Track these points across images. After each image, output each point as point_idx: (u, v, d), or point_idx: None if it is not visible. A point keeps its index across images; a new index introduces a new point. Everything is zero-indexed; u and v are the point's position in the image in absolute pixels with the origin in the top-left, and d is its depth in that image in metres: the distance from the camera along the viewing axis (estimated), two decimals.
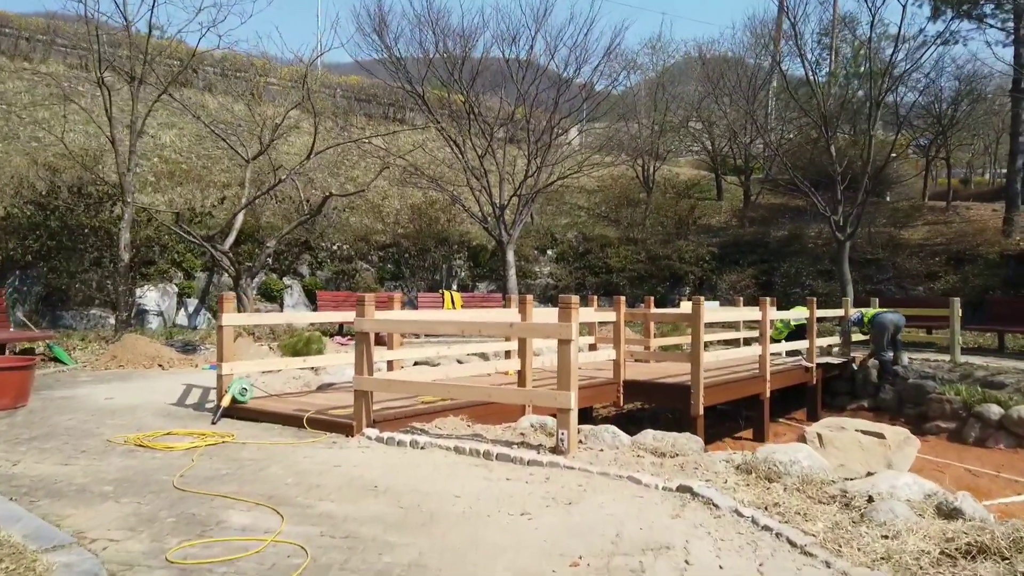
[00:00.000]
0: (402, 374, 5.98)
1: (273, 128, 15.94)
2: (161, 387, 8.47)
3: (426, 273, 20.43)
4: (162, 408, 7.11)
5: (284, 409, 6.40)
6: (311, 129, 22.18)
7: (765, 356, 9.49)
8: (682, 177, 29.18)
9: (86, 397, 7.69)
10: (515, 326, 4.91)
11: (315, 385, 8.65)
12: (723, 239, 22.67)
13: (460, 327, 5.11)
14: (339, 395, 7.31)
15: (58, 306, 15.00)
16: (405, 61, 18.73)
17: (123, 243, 12.76)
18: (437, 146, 22.46)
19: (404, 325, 5.55)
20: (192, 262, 16.61)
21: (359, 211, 21.26)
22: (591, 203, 26.42)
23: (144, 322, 15.55)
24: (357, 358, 5.69)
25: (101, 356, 10.75)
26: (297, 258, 18.33)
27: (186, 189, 18.86)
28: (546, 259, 22.03)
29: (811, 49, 20.15)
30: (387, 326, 5.69)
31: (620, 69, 21.20)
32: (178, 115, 22.44)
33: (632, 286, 21.16)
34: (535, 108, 19.22)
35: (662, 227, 23.74)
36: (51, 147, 17.66)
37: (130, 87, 13.08)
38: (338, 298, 16.79)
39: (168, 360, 10.55)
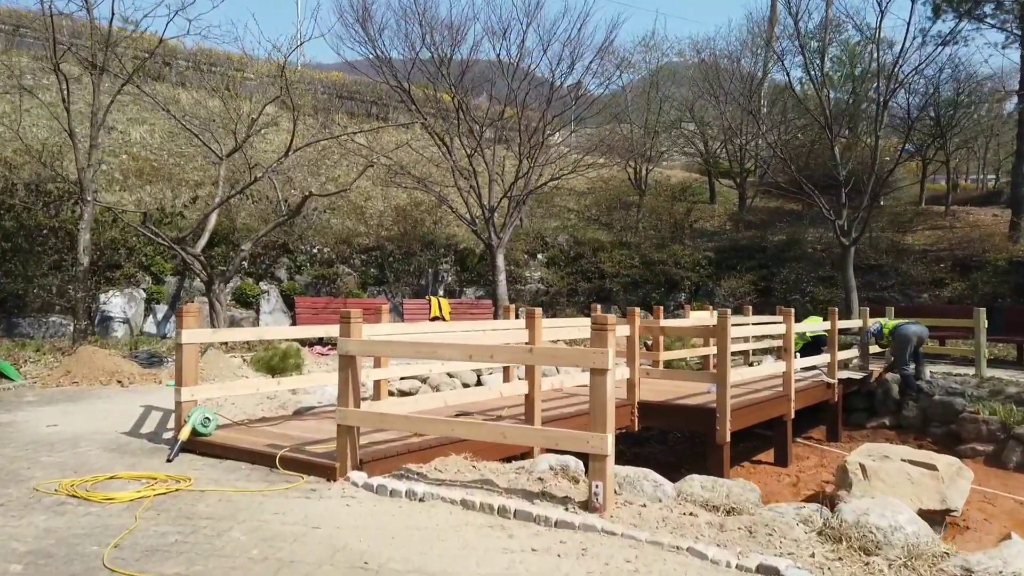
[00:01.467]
0: (395, 404, 5.04)
1: (249, 123, 14.91)
2: (116, 410, 7.44)
3: (411, 278, 19.45)
4: (111, 439, 6.10)
5: (254, 444, 5.42)
6: (290, 126, 21.16)
7: (790, 373, 8.66)
8: (673, 180, 28.45)
9: (24, 424, 6.65)
10: (536, 352, 4.00)
11: (292, 408, 7.66)
12: (719, 243, 21.93)
13: (468, 351, 4.21)
14: (319, 423, 6.34)
15: (14, 312, 13.83)
16: (390, 55, 17.77)
17: (82, 245, 11.67)
18: (422, 145, 21.51)
19: (399, 348, 4.61)
20: (161, 266, 15.51)
21: (341, 212, 20.24)
22: (581, 206, 25.59)
23: (108, 330, 14.43)
24: (341, 386, 4.75)
25: (55, 370, 9.68)
26: (275, 262, 17.28)
27: (156, 188, 17.73)
28: (536, 263, 21.14)
29: (813, 47, 19.41)
30: (378, 349, 4.75)
31: (614, 67, 20.43)
32: (149, 110, 21.28)
33: (626, 292, 20.34)
34: (526, 107, 18.34)
35: (655, 231, 22.97)
36: (11, 143, 16.48)
37: (91, 76, 11.98)
38: (318, 304, 15.78)
39: (128, 376, 9.50)
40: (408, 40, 17.41)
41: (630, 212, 23.78)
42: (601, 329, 3.93)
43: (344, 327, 4.77)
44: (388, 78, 17.86)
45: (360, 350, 4.71)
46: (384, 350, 4.72)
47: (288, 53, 13.90)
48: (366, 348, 4.72)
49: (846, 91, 20.98)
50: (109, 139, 19.38)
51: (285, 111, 23.55)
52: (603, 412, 3.90)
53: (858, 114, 21.17)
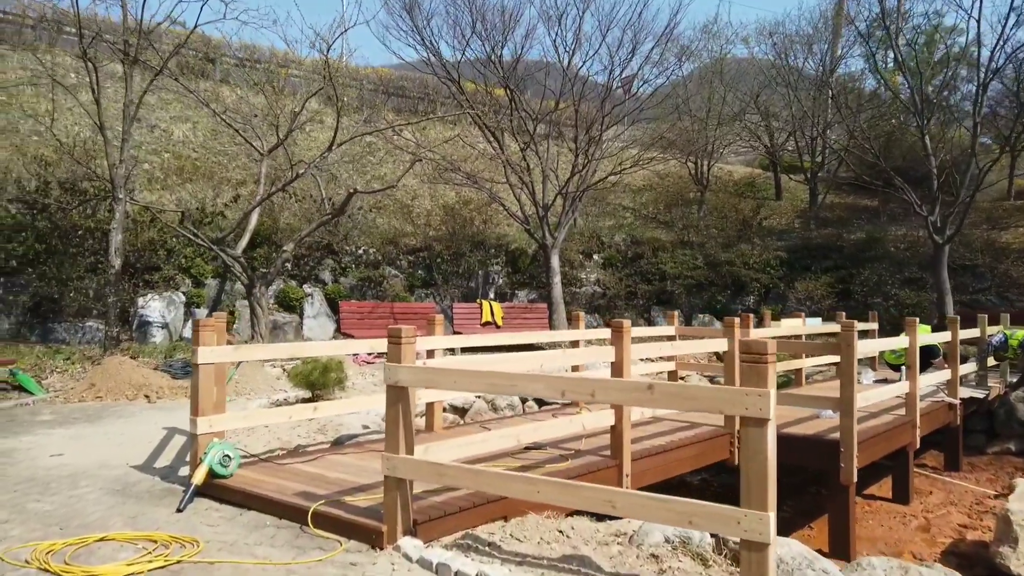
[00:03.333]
0: (456, 446, 3.91)
1: (292, 118, 14.06)
2: (134, 433, 6.52)
3: (460, 280, 18.42)
4: (118, 476, 5.13)
5: (282, 492, 4.37)
6: (333, 122, 20.37)
7: (914, 395, 7.28)
8: (735, 175, 26.89)
9: (26, 453, 5.74)
10: (659, 392, 2.85)
11: (331, 431, 6.63)
12: (789, 243, 20.36)
13: (559, 386, 3.07)
14: (362, 458, 5.28)
15: (49, 317, 13.20)
16: (438, 45, 16.77)
17: (114, 246, 10.91)
18: (471, 142, 20.51)
19: (466, 380, 3.49)
20: (202, 268, 14.75)
21: (387, 211, 19.33)
22: (637, 203, 24.24)
23: (147, 336, 13.70)
24: (390, 425, 3.66)
25: (80, 383, 8.88)
26: (319, 263, 16.43)
27: (197, 187, 17.05)
28: (592, 264, 19.90)
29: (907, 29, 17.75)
30: (438, 379, 3.63)
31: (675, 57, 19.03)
32: (192, 108, 20.73)
33: (689, 295, 18.97)
34: (584, 96, 17.14)
35: (717, 229, 21.49)
36: (50, 143, 16.01)
37: (124, 66, 11.22)
38: (363, 309, 14.87)
39: (157, 390, 8.63)
40: (458, 28, 16.39)
41: (691, 210, 22.35)
42: (759, 360, 2.73)
43: (394, 349, 3.67)
44: (436, 69, 16.88)
45: (415, 380, 3.60)
46: (445, 381, 3.60)
47: (332, 41, 12.99)
48: (422, 377, 3.61)
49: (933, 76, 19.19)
50: (151, 137, 18.85)
51: (329, 107, 22.86)
52: (762, 480, 2.72)
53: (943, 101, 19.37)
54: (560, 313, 17.05)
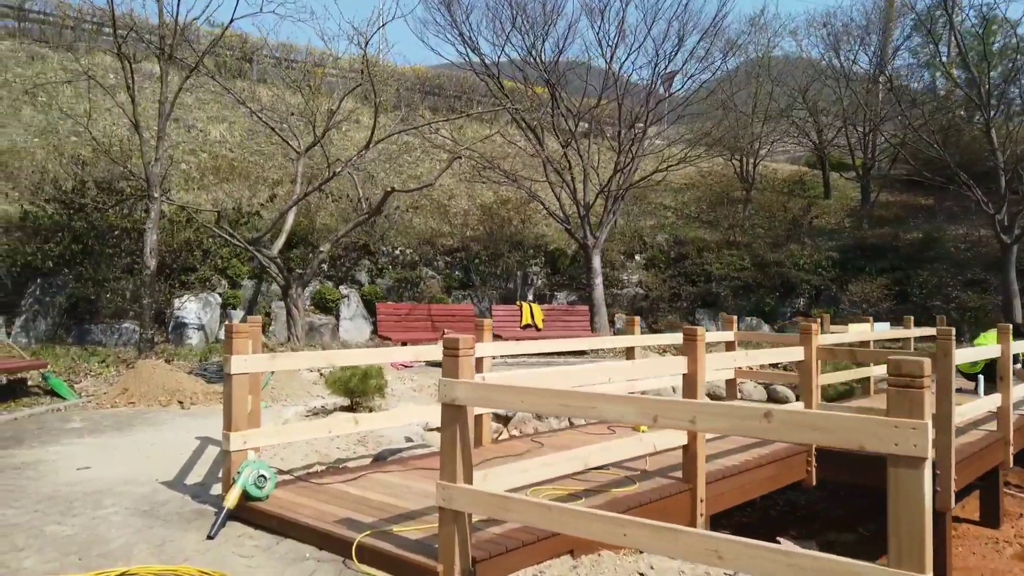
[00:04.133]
0: (517, 470, 3.42)
1: (328, 115, 13.75)
2: (165, 443, 6.16)
3: (498, 281, 17.97)
4: (146, 494, 4.74)
5: (322, 517, 3.93)
6: (370, 122, 20.07)
7: (1008, 409, 6.59)
8: (780, 174, 26.01)
9: (51, 465, 5.41)
10: (778, 421, 2.31)
11: (372, 443, 6.19)
12: (840, 243, 19.51)
13: (651, 410, 2.55)
14: (408, 477, 4.82)
15: (86, 319, 13.06)
16: (477, 41, 16.34)
17: (148, 246, 10.65)
18: (507, 141, 20.06)
19: (537, 399, 2.96)
20: (238, 269, 14.51)
21: (424, 211, 18.95)
22: (679, 202, 23.53)
23: (183, 338, 13.49)
24: (445, 448, 3.18)
25: (113, 387, 8.60)
26: (355, 264, 16.11)
27: (233, 186, 16.86)
28: (634, 265, 19.29)
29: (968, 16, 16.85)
30: (502, 398, 3.11)
31: (721, 51, 18.32)
32: (230, 108, 20.65)
33: (736, 297, 18.25)
34: (627, 91, 16.56)
35: (764, 229, 20.72)
36: (89, 143, 15.95)
37: (159, 62, 10.97)
38: (400, 311, 14.48)
39: (191, 395, 8.30)
40: (497, 22, 15.95)
41: (736, 208, 21.59)
42: (912, 384, 2.19)
43: (450, 362, 3.19)
44: (475, 65, 16.46)
45: (474, 398, 3.12)
46: (510, 400, 3.10)
47: (369, 36, 12.62)
48: (482, 396, 3.13)
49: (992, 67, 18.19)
50: (188, 137, 18.75)
51: (365, 106, 22.61)
52: (917, 535, 2.17)
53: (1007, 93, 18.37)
54: (602, 316, 16.49)
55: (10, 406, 7.56)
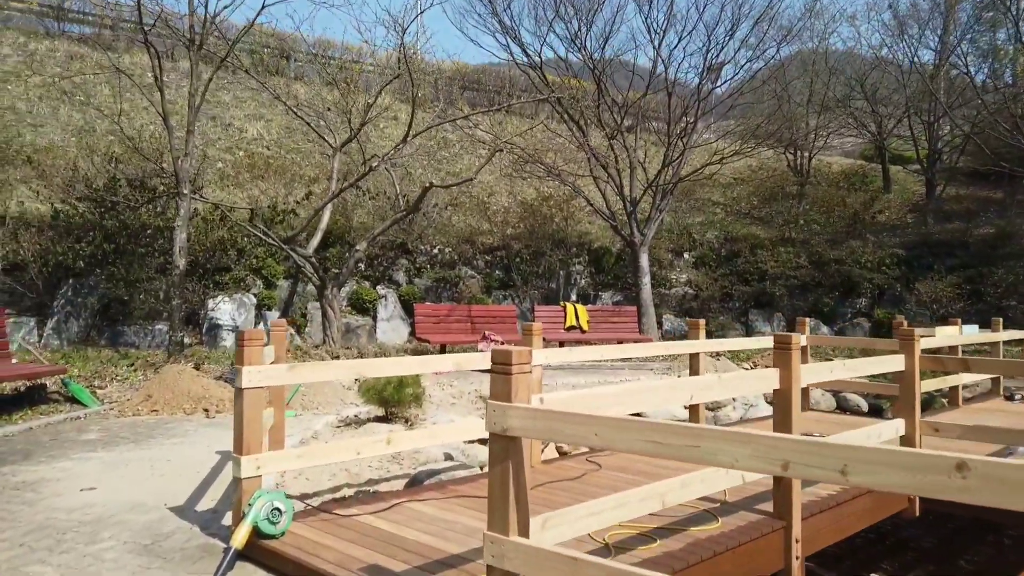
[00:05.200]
0: (589, 513, 2.72)
1: (366, 109, 13.23)
2: (183, 459, 5.61)
3: (540, 281, 17.25)
4: (151, 523, 4.16)
5: (346, 567, 3.27)
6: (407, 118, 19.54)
7: None
8: (834, 167, 24.78)
9: (53, 486, 4.87)
10: (974, 471, 1.66)
11: (407, 461, 5.54)
12: (904, 239, 18.33)
13: (779, 456, 1.84)
14: (448, 507, 4.15)
15: (119, 320, 12.72)
16: (519, 30, 15.66)
17: (178, 245, 10.22)
18: (548, 137, 19.34)
19: (616, 433, 2.22)
20: (273, 268, 14.06)
21: (463, 209, 18.34)
22: (728, 198, 22.53)
23: (216, 339, 13.06)
24: (495, 490, 2.49)
25: (136, 393, 8.13)
26: (392, 263, 15.56)
27: (268, 184, 16.46)
28: (683, 264, 18.40)
29: None
30: (572, 430, 2.39)
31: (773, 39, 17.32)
32: (267, 106, 20.35)
33: (792, 297, 17.25)
34: (676, 82, 15.71)
35: (820, 225, 19.61)
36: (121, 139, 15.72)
37: (189, 51, 10.53)
38: (439, 312, 13.87)
39: (217, 403, 7.78)
40: (540, 9, 15.24)
41: (789, 204, 20.51)
42: None
43: (501, 380, 2.50)
44: (515, 55, 15.78)
45: (533, 429, 2.42)
46: (583, 433, 2.36)
47: (407, 25, 12.06)
48: (544, 427, 2.42)
49: None
50: (225, 135, 18.47)
51: (401, 102, 22.12)
52: None
53: None
54: (650, 317, 15.68)
55: (27, 414, 7.12)
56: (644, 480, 4.67)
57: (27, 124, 15.89)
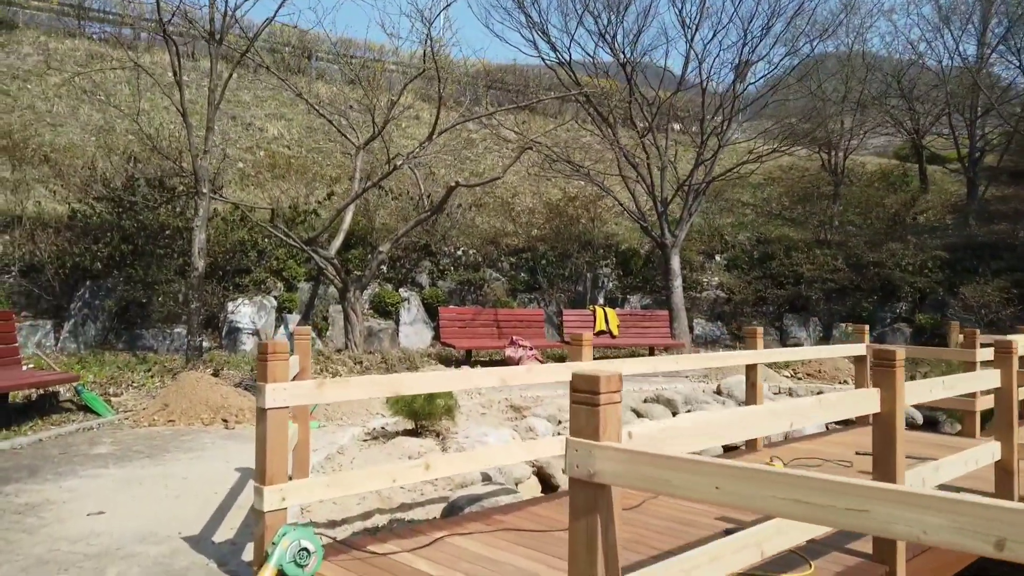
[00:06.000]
0: (682, 571, 2.24)
1: (389, 106, 12.81)
2: (200, 476, 5.18)
3: (567, 284, 16.73)
4: (161, 558, 3.72)
5: None
6: (429, 118, 19.11)
7: None
8: (867, 167, 24.04)
9: (60, 509, 4.45)
10: None
11: (443, 482, 5.07)
12: (945, 241, 17.61)
13: (987, 526, 1.41)
14: (495, 543, 3.66)
15: (137, 323, 12.37)
16: (547, 25, 15.18)
17: (197, 246, 9.84)
18: (574, 136, 18.84)
19: (757, 488, 1.74)
20: (294, 270, 13.66)
21: (487, 209, 17.87)
22: (758, 199, 21.90)
23: (236, 343, 12.69)
24: (579, 555, 2.00)
25: (153, 402, 7.73)
26: (415, 265, 15.12)
27: (289, 184, 16.10)
28: (714, 266, 17.81)
29: None
30: (684, 480, 1.89)
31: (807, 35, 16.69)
32: (288, 105, 20.06)
33: (828, 301, 16.61)
34: (709, 78, 15.15)
35: (856, 227, 18.93)
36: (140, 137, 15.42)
37: (208, 45, 10.16)
38: (465, 316, 13.43)
39: (236, 412, 7.36)
40: (568, 3, 14.74)
41: (823, 204, 19.84)
42: None
43: (585, 413, 2.00)
44: (542, 50, 15.30)
45: (627, 474, 1.92)
46: (700, 485, 1.83)
47: (432, 19, 11.63)
48: (647, 474, 1.90)
49: None
50: (246, 135, 18.16)
51: (426, 103, 21.72)
52: None
53: None
54: (681, 321, 15.13)
55: (37, 425, 6.74)
56: (712, 509, 4.16)
57: (46, 124, 15.66)
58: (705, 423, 2.38)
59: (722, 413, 2.54)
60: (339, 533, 4.10)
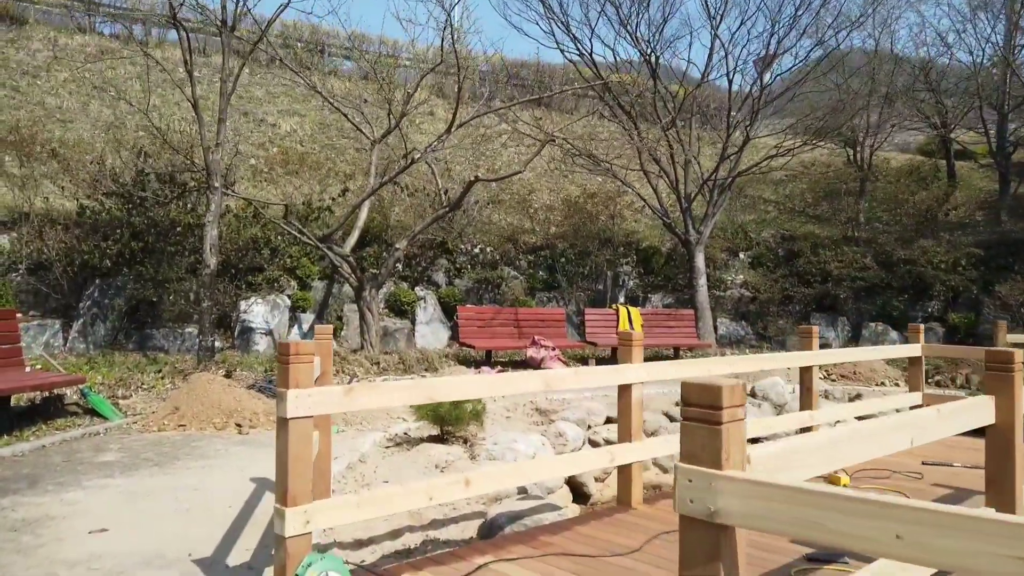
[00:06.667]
0: None
1: (405, 99, 12.41)
2: (212, 488, 4.77)
3: (586, 282, 16.26)
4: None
5: None
6: (445, 116, 18.70)
7: None
8: (892, 163, 23.44)
9: (59, 525, 4.05)
10: None
11: (474, 497, 4.63)
12: (977, 238, 17.03)
13: None
14: (543, 573, 3.22)
15: (147, 322, 12.02)
16: (567, 17, 14.73)
17: (209, 243, 9.47)
18: (589, 132, 18.36)
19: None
20: (308, 269, 13.28)
21: (504, 206, 17.44)
22: (780, 195, 21.36)
23: (249, 343, 12.31)
24: None
25: (163, 405, 7.35)
26: (432, 263, 14.71)
27: (303, 180, 15.73)
28: (738, 264, 17.29)
29: None
30: (867, 529, 1.48)
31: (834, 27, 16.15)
32: (300, 101, 19.70)
33: (857, 300, 16.07)
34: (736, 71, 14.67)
35: (883, 224, 18.37)
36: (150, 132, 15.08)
37: (220, 32, 9.78)
38: (484, 315, 13.00)
39: (250, 417, 6.96)
40: None
41: (849, 201, 19.28)
42: None
43: (703, 435, 1.56)
44: (560, 41, 14.86)
45: (763, 514, 1.49)
46: (866, 528, 1.44)
47: (452, 5, 11.17)
48: (794, 514, 1.48)
49: None
50: (258, 131, 17.82)
51: (439, 98, 21.32)
52: None
53: None
54: (706, 320, 14.67)
55: (41, 430, 6.36)
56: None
57: (56, 120, 15.36)
58: (828, 441, 1.93)
59: (840, 430, 2.09)
60: (367, 555, 3.68)
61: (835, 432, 2.04)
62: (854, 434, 2.08)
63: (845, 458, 2.00)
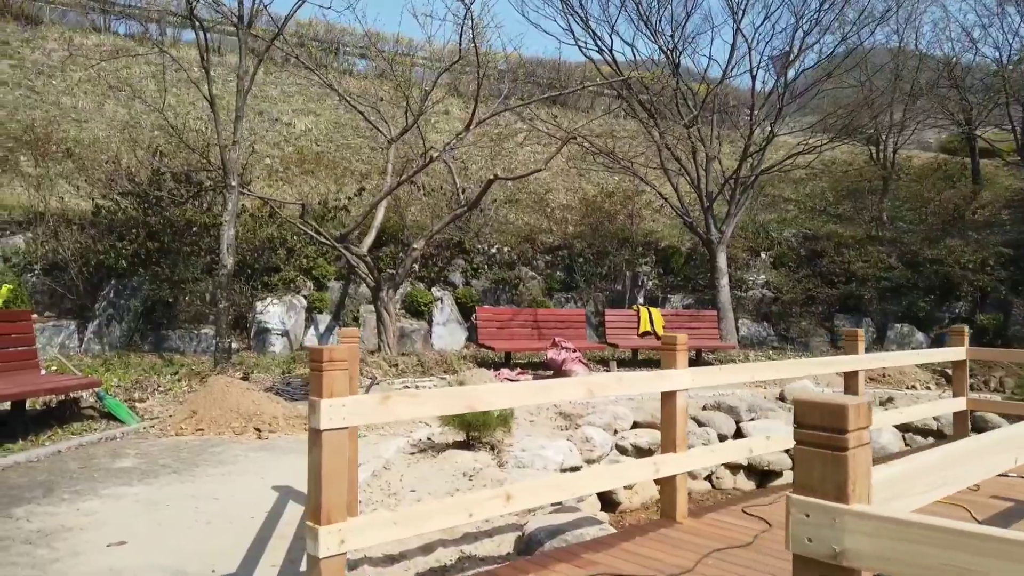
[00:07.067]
0: None
1: (423, 97, 12.22)
2: (233, 496, 4.58)
3: (605, 283, 16.01)
4: None
5: None
6: (460, 115, 18.53)
7: None
8: (914, 161, 23.04)
9: (75, 538, 3.87)
10: None
11: (506, 510, 4.40)
12: (1006, 237, 16.64)
13: None
14: None
15: (163, 323, 11.89)
16: (586, 13, 14.50)
17: (225, 243, 9.30)
18: (606, 131, 18.11)
19: None
20: (324, 269, 13.11)
21: (521, 206, 17.23)
22: (800, 194, 21.01)
23: (265, 344, 12.15)
24: None
25: (180, 408, 7.17)
26: (448, 263, 14.51)
27: (318, 180, 15.58)
28: (760, 264, 16.98)
29: None
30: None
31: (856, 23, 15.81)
32: (315, 101, 19.59)
33: (882, 300, 15.73)
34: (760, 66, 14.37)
35: (907, 223, 18.01)
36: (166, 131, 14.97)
37: (237, 29, 9.61)
38: (502, 316, 12.77)
39: (269, 421, 6.78)
40: None
41: (875, 200, 18.92)
42: None
43: (824, 462, 1.33)
44: (580, 37, 14.61)
45: (905, 558, 1.28)
46: None
47: None
48: (952, 562, 1.27)
49: None
50: (273, 131, 17.69)
51: (454, 97, 21.14)
52: None
53: None
54: (729, 321, 14.39)
55: (56, 434, 6.20)
56: None
57: (71, 119, 15.28)
58: (943, 458, 1.70)
59: (959, 445, 1.85)
60: (399, 573, 3.47)
61: (951, 449, 1.80)
62: (973, 448, 1.85)
63: (958, 479, 1.77)
